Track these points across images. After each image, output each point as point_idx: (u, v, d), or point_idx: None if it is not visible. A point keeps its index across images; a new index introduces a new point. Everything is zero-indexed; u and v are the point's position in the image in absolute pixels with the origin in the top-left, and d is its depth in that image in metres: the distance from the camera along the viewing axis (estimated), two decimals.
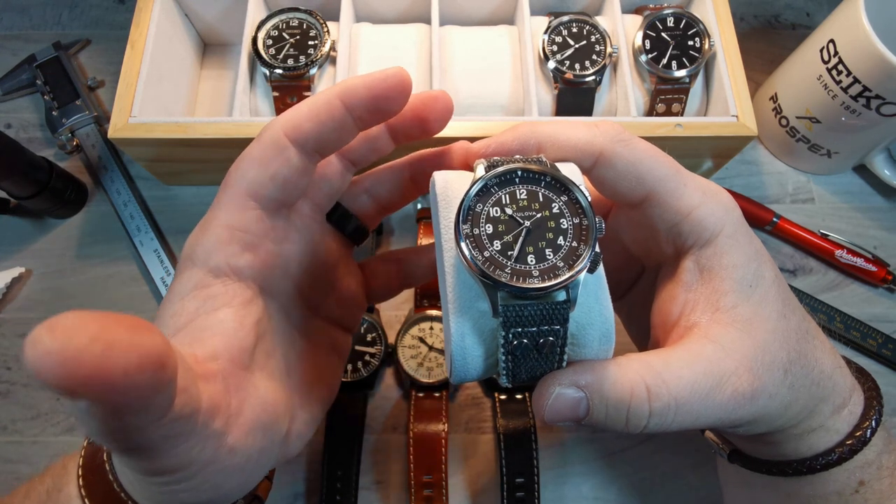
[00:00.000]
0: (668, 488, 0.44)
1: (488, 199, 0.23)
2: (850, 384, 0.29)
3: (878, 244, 0.52)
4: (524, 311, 0.22)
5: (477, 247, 0.23)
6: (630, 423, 0.24)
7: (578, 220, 0.23)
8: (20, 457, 0.45)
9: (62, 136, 0.53)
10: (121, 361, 0.16)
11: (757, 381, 0.25)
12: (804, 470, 0.28)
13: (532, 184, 0.24)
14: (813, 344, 0.27)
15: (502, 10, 0.54)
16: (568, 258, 0.23)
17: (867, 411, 0.28)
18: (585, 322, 0.24)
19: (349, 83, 0.25)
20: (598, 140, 0.26)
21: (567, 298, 0.22)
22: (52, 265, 0.50)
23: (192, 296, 0.25)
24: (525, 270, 0.22)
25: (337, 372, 0.33)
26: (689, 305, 0.26)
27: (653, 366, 0.24)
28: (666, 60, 0.48)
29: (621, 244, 0.31)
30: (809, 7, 0.62)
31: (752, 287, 0.26)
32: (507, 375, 0.24)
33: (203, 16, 0.54)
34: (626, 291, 0.34)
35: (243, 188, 0.25)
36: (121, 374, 0.16)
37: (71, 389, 0.16)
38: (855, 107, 0.45)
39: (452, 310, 0.24)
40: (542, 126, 0.27)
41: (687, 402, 0.24)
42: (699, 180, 0.27)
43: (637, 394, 0.23)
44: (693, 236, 0.26)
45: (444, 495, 0.42)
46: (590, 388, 0.23)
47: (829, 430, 0.28)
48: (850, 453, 0.27)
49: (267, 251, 0.27)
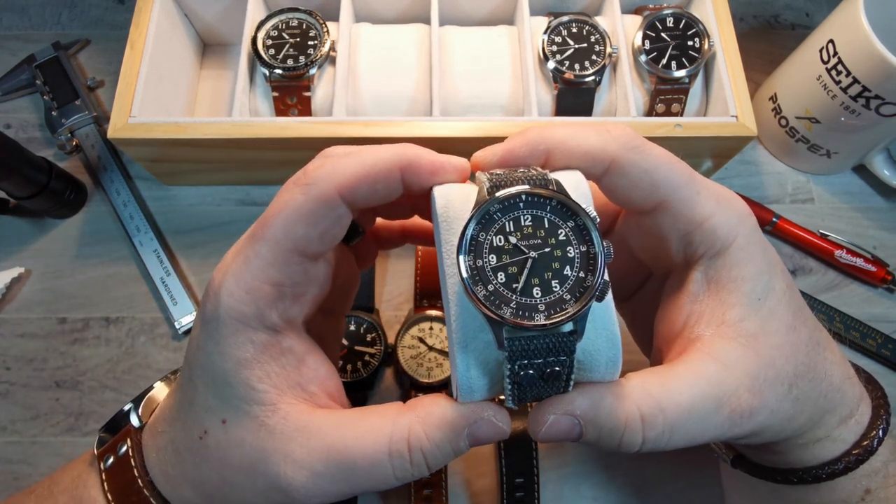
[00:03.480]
0: (667, 488, 0.44)
1: (491, 226, 0.22)
2: (859, 394, 0.28)
3: (878, 244, 0.52)
4: (530, 345, 0.22)
5: (480, 280, 0.22)
6: (623, 447, 0.24)
7: (586, 247, 0.23)
8: (20, 457, 0.45)
9: (62, 137, 0.53)
10: None
11: (756, 399, 0.24)
12: (809, 479, 0.28)
13: (537, 209, 0.23)
14: (823, 356, 0.27)
15: (502, 10, 0.54)
16: (575, 290, 0.22)
17: (874, 421, 0.28)
18: (592, 349, 0.24)
19: (412, 154, 0.24)
20: (610, 147, 0.25)
21: (574, 330, 0.22)
22: (52, 265, 0.50)
23: (267, 357, 0.24)
24: (531, 304, 0.22)
25: (337, 356, 0.33)
26: (694, 317, 0.26)
27: (651, 392, 0.24)
28: (666, 60, 0.48)
29: (629, 248, 0.31)
30: (809, 7, 0.62)
31: (762, 300, 0.25)
32: (513, 401, 0.23)
33: (203, 16, 0.54)
34: (632, 294, 0.34)
35: (290, 245, 0.24)
36: None
37: None
38: (854, 107, 0.45)
39: (457, 340, 0.23)
40: (552, 131, 0.25)
41: (683, 426, 0.23)
42: (713, 187, 0.26)
43: (631, 424, 0.23)
44: (704, 246, 0.26)
45: (443, 495, 0.42)
46: (585, 416, 0.23)
47: (835, 440, 0.27)
48: (856, 463, 0.27)
49: (310, 293, 0.27)
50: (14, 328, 0.48)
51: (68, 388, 0.46)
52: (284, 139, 0.44)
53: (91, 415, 0.46)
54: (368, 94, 0.49)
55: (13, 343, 0.48)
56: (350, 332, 0.47)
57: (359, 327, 0.47)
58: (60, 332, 0.48)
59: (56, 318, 0.48)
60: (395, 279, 0.50)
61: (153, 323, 0.49)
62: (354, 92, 0.49)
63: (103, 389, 0.46)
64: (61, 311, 0.49)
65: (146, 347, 0.48)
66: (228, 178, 0.52)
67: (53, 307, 0.49)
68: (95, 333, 0.48)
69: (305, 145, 0.45)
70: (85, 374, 0.47)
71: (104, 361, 0.47)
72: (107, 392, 0.46)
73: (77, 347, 0.48)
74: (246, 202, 0.53)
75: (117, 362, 0.47)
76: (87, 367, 0.47)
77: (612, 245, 0.23)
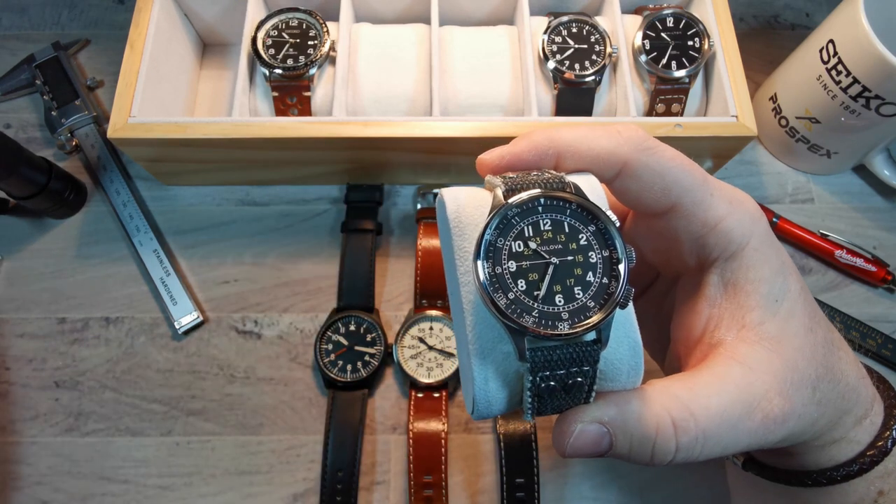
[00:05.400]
0: (667, 488, 0.44)
1: (509, 231, 0.22)
2: (872, 394, 0.28)
3: (878, 244, 0.52)
4: (553, 355, 0.21)
5: (500, 288, 0.21)
6: (655, 458, 0.23)
7: (608, 252, 0.22)
8: (19, 457, 0.45)
9: (61, 136, 0.53)
10: None
11: (787, 403, 0.24)
12: (824, 481, 0.27)
13: (556, 212, 0.22)
14: (838, 356, 0.27)
15: (502, 10, 0.54)
16: (598, 297, 0.21)
17: (887, 421, 0.28)
18: (614, 358, 0.23)
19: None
20: (622, 150, 0.24)
21: (598, 339, 0.21)
22: (52, 265, 0.50)
23: None
24: (553, 312, 0.21)
25: None
26: (714, 321, 0.26)
27: (679, 397, 0.23)
28: (665, 60, 0.48)
29: (637, 250, 0.30)
30: (809, 7, 0.62)
31: (779, 302, 0.25)
32: (532, 413, 0.22)
33: (203, 16, 0.54)
34: (640, 296, 0.33)
35: None
36: None
37: None
38: (854, 107, 0.45)
39: (474, 351, 0.22)
40: (560, 134, 0.25)
41: (715, 433, 0.23)
42: (725, 188, 0.25)
43: (663, 429, 0.23)
44: (718, 249, 0.25)
45: (443, 495, 0.42)
46: (613, 424, 0.23)
47: (850, 442, 0.27)
48: (870, 464, 0.27)
49: None
50: (14, 328, 0.48)
51: (68, 388, 0.46)
52: (284, 139, 0.44)
53: (91, 415, 0.46)
54: (368, 93, 0.49)
55: (13, 343, 0.48)
56: (350, 332, 0.47)
57: (359, 327, 0.47)
58: (60, 332, 0.48)
59: (55, 318, 0.48)
60: (395, 279, 0.50)
61: (153, 323, 0.49)
62: (354, 92, 0.49)
63: (103, 389, 0.46)
64: (61, 311, 0.49)
65: (146, 347, 0.48)
66: (228, 178, 0.52)
67: (53, 307, 0.49)
68: (95, 333, 0.48)
69: (305, 145, 0.45)
70: (84, 375, 0.47)
71: (104, 361, 0.47)
72: (106, 392, 0.46)
73: (76, 347, 0.48)
74: (246, 202, 0.53)
75: (117, 362, 0.47)
76: (86, 367, 0.47)
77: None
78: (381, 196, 0.52)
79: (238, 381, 0.47)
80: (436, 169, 0.51)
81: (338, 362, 0.46)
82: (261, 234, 0.51)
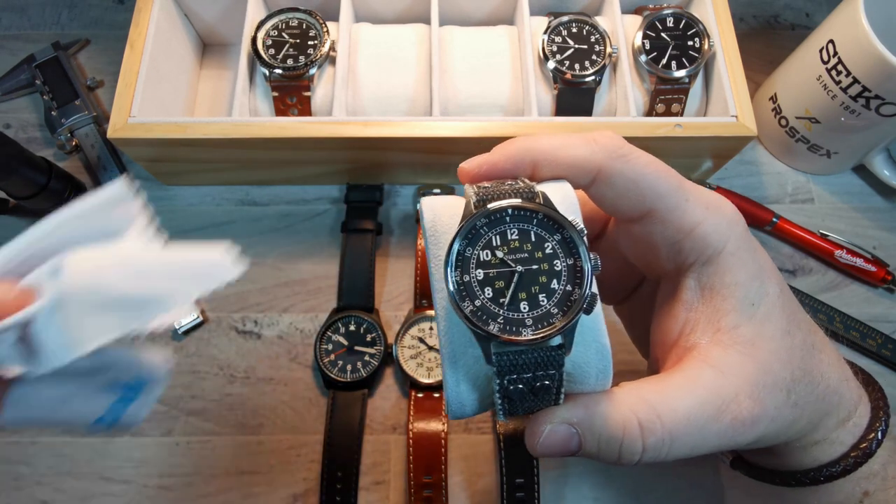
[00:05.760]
0: (666, 488, 0.44)
1: (478, 241, 0.22)
2: (857, 395, 0.28)
3: (878, 244, 0.52)
4: (518, 359, 0.22)
5: (468, 296, 0.22)
6: (623, 458, 0.24)
7: (573, 260, 0.22)
8: (19, 457, 0.45)
9: (61, 136, 0.53)
10: None
11: (757, 406, 0.24)
12: (807, 481, 0.28)
13: (523, 222, 0.23)
14: (818, 358, 0.27)
15: (502, 10, 0.54)
16: (562, 303, 0.22)
17: (873, 422, 0.28)
18: (582, 361, 0.24)
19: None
20: (596, 157, 0.25)
21: (562, 343, 0.22)
22: None
23: None
24: (518, 319, 0.22)
25: None
26: (690, 325, 0.26)
27: (647, 399, 0.24)
28: (665, 60, 0.48)
29: (620, 254, 0.31)
30: (809, 7, 0.62)
31: (755, 305, 0.25)
32: (504, 414, 0.23)
33: (202, 16, 0.54)
34: (628, 296, 0.34)
35: None
36: None
37: None
38: (854, 107, 0.45)
39: (446, 355, 0.23)
40: (536, 143, 0.25)
41: (682, 434, 0.23)
42: (703, 194, 0.26)
43: (629, 430, 0.23)
44: (695, 253, 0.25)
45: (443, 495, 0.42)
46: (581, 425, 0.23)
47: (833, 443, 0.27)
48: (854, 465, 0.27)
49: None
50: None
51: None
52: (284, 139, 0.44)
53: None
54: (368, 93, 0.49)
55: None
56: (350, 332, 0.47)
57: (359, 327, 0.47)
58: None
59: None
60: (395, 279, 0.50)
61: None
62: (354, 92, 0.49)
63: None
64: None
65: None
66: (228, 178, 0.52)
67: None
68: None
69: (305, 145, 0.45)
70: None
71: None
72: None
73: None
74: (246, 202, 0.53)
75: None
76: None
77: (605, 249, 0.23)
78: (381, 196, 0.52)
79: (238, 381, 0.47)
80: (436, 169, 0.51)
81: (338, 362, 0.46)
82: (261, 234, 0.51)
